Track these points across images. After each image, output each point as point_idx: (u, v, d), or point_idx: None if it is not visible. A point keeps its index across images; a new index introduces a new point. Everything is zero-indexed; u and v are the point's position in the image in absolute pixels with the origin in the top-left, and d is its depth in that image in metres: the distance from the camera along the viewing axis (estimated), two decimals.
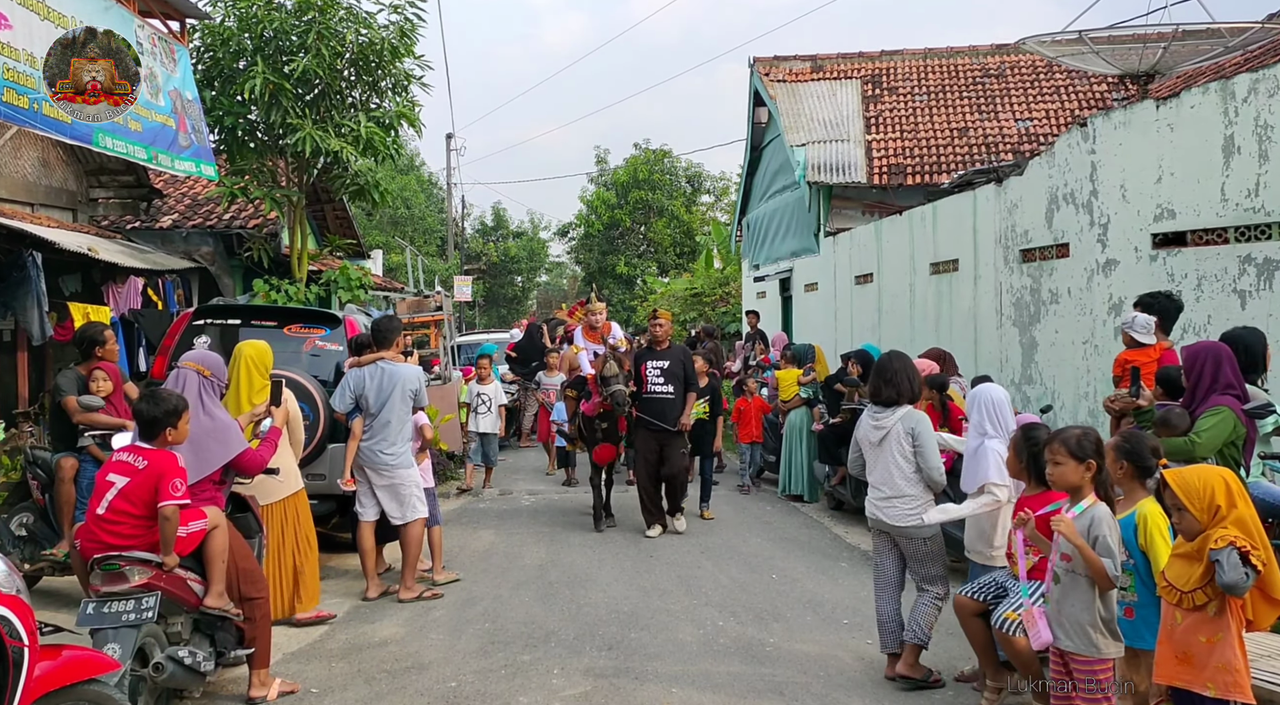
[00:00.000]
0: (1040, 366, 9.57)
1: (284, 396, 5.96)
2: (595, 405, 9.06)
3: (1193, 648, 3.40)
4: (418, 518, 6.95)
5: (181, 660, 4.48)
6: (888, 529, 5.31)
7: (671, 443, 8.93)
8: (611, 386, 8.78)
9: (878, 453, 5.32)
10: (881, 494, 5.30)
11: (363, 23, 11.64)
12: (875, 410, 5.41)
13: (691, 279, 29.52)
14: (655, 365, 8.96)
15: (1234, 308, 7.25)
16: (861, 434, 5.47)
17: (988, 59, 18.51)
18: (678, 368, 8.96)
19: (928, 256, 12.11)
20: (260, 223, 14.03)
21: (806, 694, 5.12)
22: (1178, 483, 3.44)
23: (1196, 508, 3.39)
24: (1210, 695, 3.35)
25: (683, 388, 8.95)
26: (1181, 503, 3.42)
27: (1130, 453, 4.04)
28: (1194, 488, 3.41)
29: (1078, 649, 3.89)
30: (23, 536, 6.72)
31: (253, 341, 6.17)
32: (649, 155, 41.47)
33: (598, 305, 10.32)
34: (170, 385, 5.09)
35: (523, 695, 5.09)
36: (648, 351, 9.17)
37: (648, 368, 8.97)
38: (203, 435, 4.98)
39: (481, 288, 41.09)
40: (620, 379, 8.82)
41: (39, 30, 8.06)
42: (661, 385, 8.92)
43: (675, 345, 9.34)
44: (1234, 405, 4.95)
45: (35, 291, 9.17)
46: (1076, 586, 3.90)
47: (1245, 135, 7.22)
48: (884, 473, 5.28)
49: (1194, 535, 3.43)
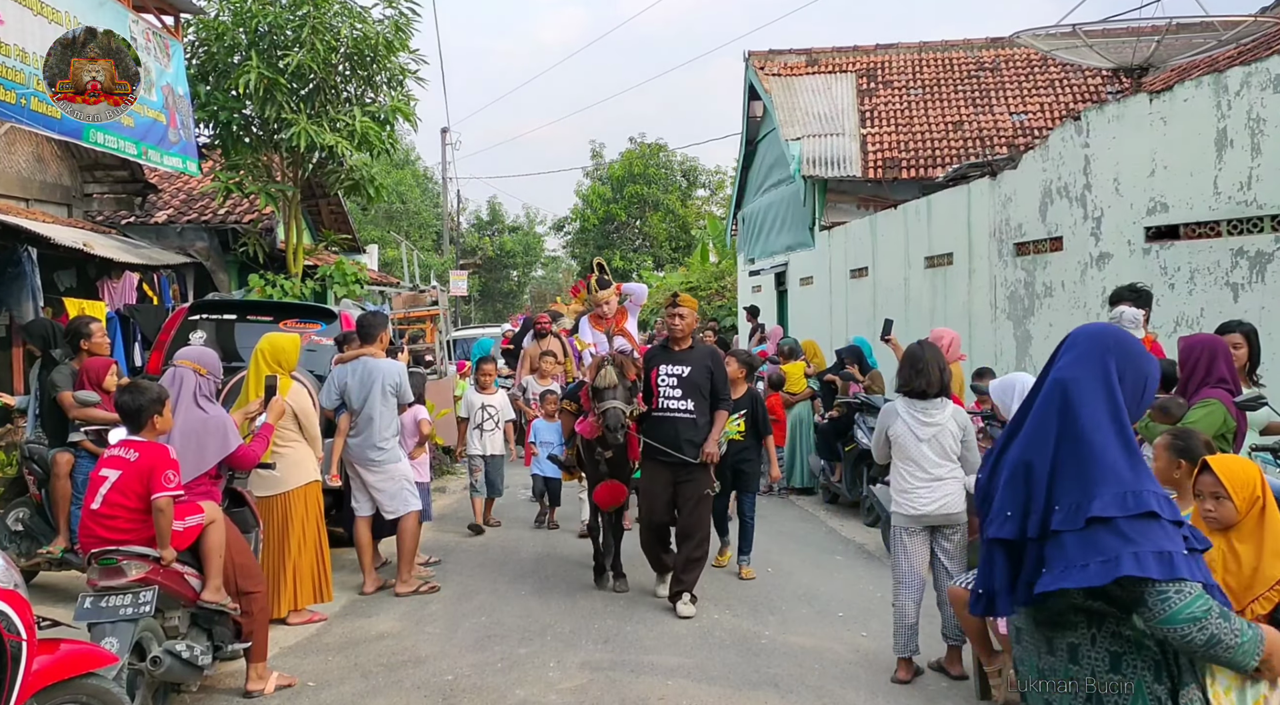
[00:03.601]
0: (1034, 359, 9.61)
1: (292, 390, 5.99)
2: (593, 424, 6.62)
3: None
4: (411, 511, 6.97)
5: (179, 654, 4.49)
6: (932, 523, 5.20)
7: (690, 481, 6.41)
8: (605, 402, 6.33)
9: (919, 446, 5.19)
10: (923, 487, 5.17)
11: (357, 17, 11.63)
12: (916, 404, 5.25)
13: (687, 273, 29.56)
14: (670, 371, 6.46)
15: (1226, 300, 7.29)
16: (899, 429, 5.25)
17: (982, 53, 18.53)
18: (700, 375, 6.42)
19: (922, 250, 12.14)
20: (255, 218, 14.01)
21: (802, 686, 5.14)
22: (1223, 470, 3.28)
23: (1240, 496, 3.24)
24: None
25: (707, 403, 6.46)
26: (1224, 490, 3.26)
27: (1184, 450, 3.81)
28: (1238, 475, 3.25)
29: None
30: (19, 531, 6.73)
31: (276, 334, 6.21)
32: (644, 149, 41.50)
33: (604, 294, 6.98)
34: (166, 383, 5.09)
35: (519, 688, 5.11)
36: (661, 351, 6.65)
37: (659, 375, 6.48)
38: (200, 431, 4.99)
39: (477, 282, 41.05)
40: (618, 393, 6.34)
41: (31, 25, 8.05)
42: (678, 400, 6.40)
43: (699, 345, 6.71)
44: (1224, 398, 4.97)
45: (30, 287, 9.16)
46: None
47: (1238, 128, 7.24)
48: (927, 465, 5.17)
49: (1228, 525, 3.28)
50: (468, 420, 9.16)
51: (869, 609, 6.52)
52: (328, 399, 6.94)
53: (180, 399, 5.03)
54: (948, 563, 5.22)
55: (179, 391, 5.06)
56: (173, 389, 5.05)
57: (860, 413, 9.33)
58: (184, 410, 5.01)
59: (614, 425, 6.25)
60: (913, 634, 5.21)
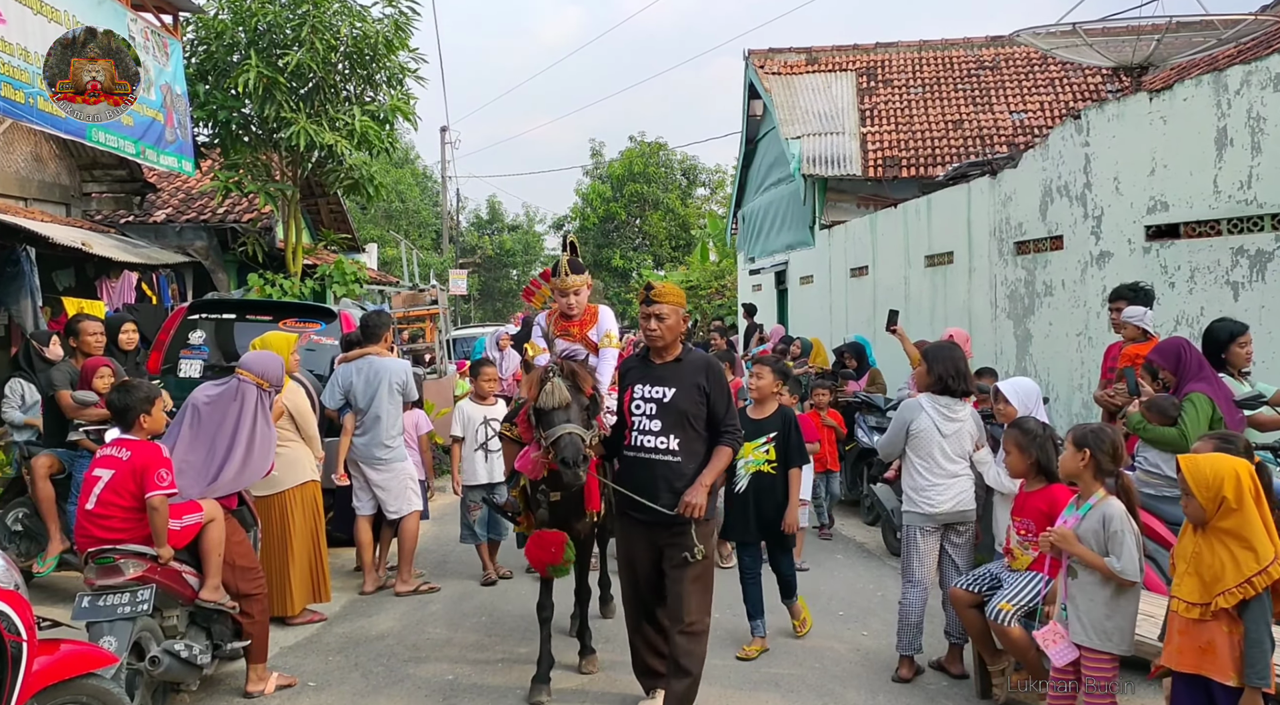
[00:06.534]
0: (1035, 359, 9.60)
1: (288, 389, 5.99)
2: (535, 461, 4.81)
3: (1217, 639, 3.39)
4: (413, 511, 6.97)
5: (178, 654, 4.49)
6: (946, 521, 5.18)
7: (677, 544, 4.49)
8: (556, 428, 4.48)
9: (941, 442, 5.15)
10: (941, 483, 5.14)
11: (357, 16, 11.62)
12: (941, 401, 5.21)
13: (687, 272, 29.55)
14: (646, 394, 4.57)
15: (1227, 299, 7.28)
16: (923, 423, 5.17)
17: (982, 51, 18.51)
18: (689, 399, 4.52)
19: (922, 249, 12.13)
20: (254, 217, 14.01)
21: (802, 685, 5.14)
22: (1188, 468, 3.47)
23: (1203, 495, 3.41)
24: (1233, 685, 3.35)
25: (701, 437, 4.56)
26: (1189, 488, 3.45)
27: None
28: (1204, 476, 3.42)
29: (1095, 644, 3.88)
30: (18, 531, 6.73)
31: (270, 334, 6.24)
32: (644, 148, 41.50)
33: (572, 280, 5.08)
34: (228, 397, 5.11)
35: (520, 688, 5.10)
36: (638, 366, 4.72)
37: (633, 399, 4.61)
38: (257, 449, 5.09)
39: (477, 281, 41.07)
40: (571, 413, 4.52)
41: (33, 24, 8.05)
42: (655, 434, 4.52)
43: (691, 353, 4.72)
44: (1207, 390, 5.04)
45: (29, 287, 9.16)
46: (1094, 579, 3.91)
47: (1238, 127, 7.23)
48: (945, 461, 5.16)
49: (1200, 520, 3.45)
50: (462, 440, 7.31)
51: (869, 608, 6.51)
52: (331, 399, 6.93)
53: (244, 417, 5.07)
54: (958, 559, 5.23)
55: (241, 409, 5.08)
56: (234, 404, 5.07)
57: (860, 412, 9.32)
58: (245, 430, 5.05)
59: (571, 458, 4.39)
60: (917, 632, 5.22)
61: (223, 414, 5.05)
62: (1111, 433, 4.16)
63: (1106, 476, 4.06)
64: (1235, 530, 3.37)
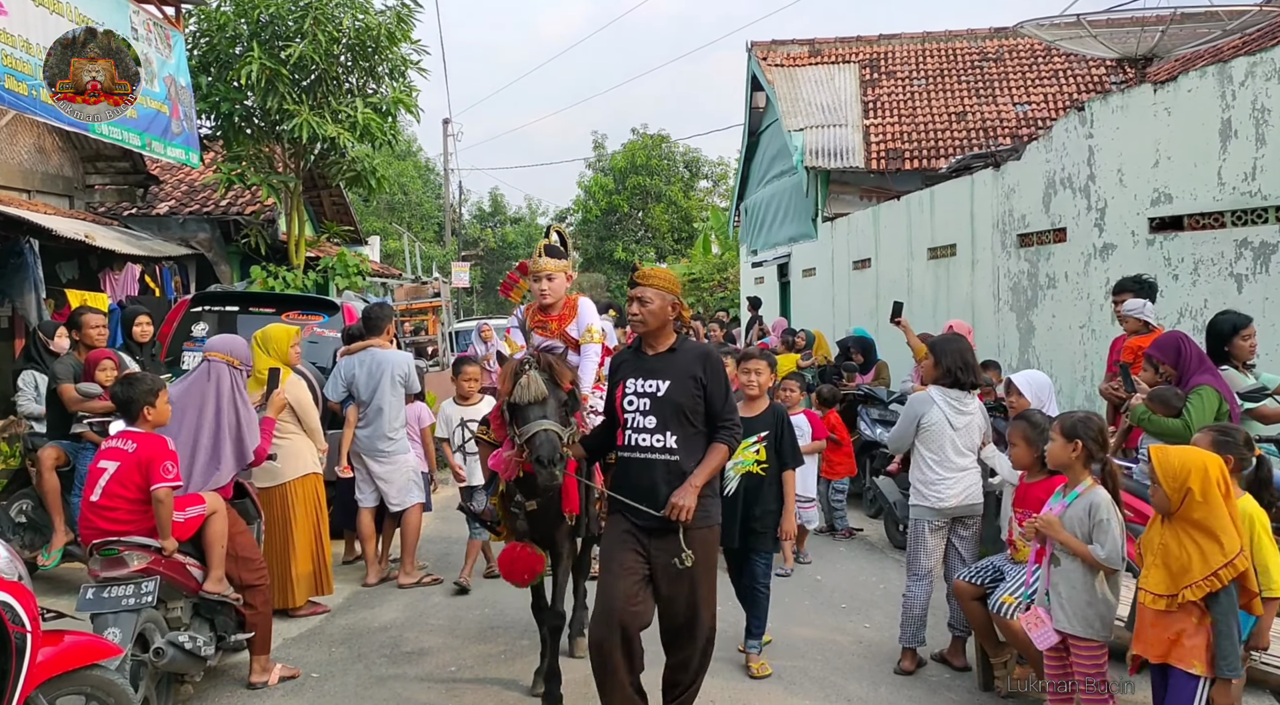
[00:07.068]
0: (1038, 351, 9.59)
1: (289, 381, 5.99)
2: (509, 460, 4.54)
3: (1187, 629, 3.43)
4: (415, 503, 6.98)
5: (182, 645, 4.50)
6: (955, 514, 5.17)
7: (666, 550, 4.04)
8: (531, 425, 4.23)
9: (952, 435, 5.14)
10: (950, 477, 5.13)
11: (359, 8, 11.61)
12: (952, 394, 5.19)
13: (689, 264, 29.52)
14: (639, 388, 4.17)
15: (1230, 291, 7.27)
16: (935, 416, 5.14)
17: (986, 43, 18.47)
18: (684, 391, 4.12)
19: (925, 242, 12.12)
20: (257, 209, 14.01)
21: (805, 678, 5.14)
22: (1157, 458, 3.53)
23: (1169, 485, 3.47)
24: (1198, 674, 3.39)
25: (700, 433, 4.16)
26: (1157, 477, 3.50)
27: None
28: (1172, 467, 3.47)
29: (1078, 631, 3.90)
30: (22, 523, 6.74)
31: (270, 326, 6.23)
32: (647, 140, 41.41)
33: (545, 263, 4.98)
34: (201, 379, 5.11)
35: (522, 680, 5.11)
36: (631, 359, 4.31)
37: (624, 394, 4.21)
38: (244, 427, 5.08)
39: (479, 274, 41.02)
40: (548, 408, 4.28)
41: (34, 17, 8.04)
42: (650, 431, 4.12)
43: (684, 344, 4.30)
44: (1213, 381, 5.04)
45: (32, 278, 9.16)
46: (1077, 566, 3.93)
47: (1242, 119, 7.21)
48: (954, 454, 5.15)
49: (1165, 509, 3.50)
50: (448, 441, 7.15)
51: (871, 600, 6.52)
52: (334, 391, 6.94)
53: (221, 396, 5.07)
54: (963, 551, 5.24)
55: (218, 389, 5.08)
56: (210, 385, 5.07)
57: (863, 405, 9.31)
58: (228, 408, 5.05)
59: (547, 456, 4.10)
60: (921, 625, 5.22)
61: (201, 396, 5.06)
62: (1097, 420, 4.18)
63: (1093, 463, 4.07)
64: (1202, 523, 3.41)
